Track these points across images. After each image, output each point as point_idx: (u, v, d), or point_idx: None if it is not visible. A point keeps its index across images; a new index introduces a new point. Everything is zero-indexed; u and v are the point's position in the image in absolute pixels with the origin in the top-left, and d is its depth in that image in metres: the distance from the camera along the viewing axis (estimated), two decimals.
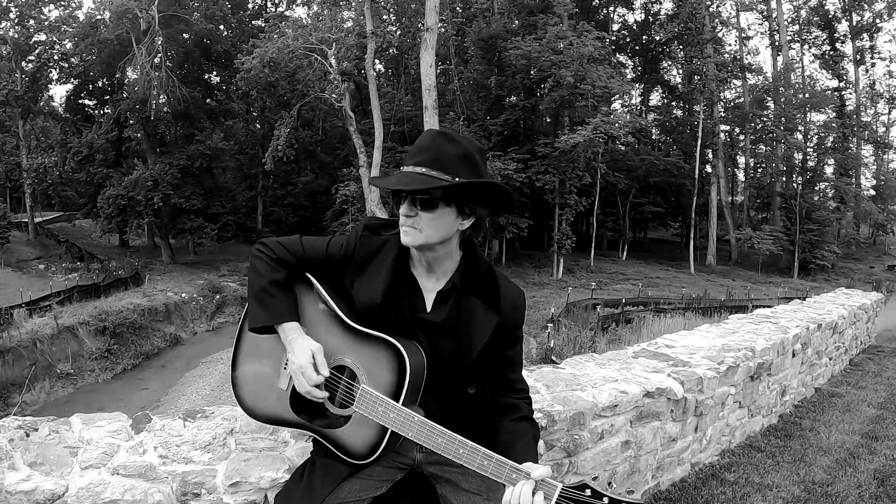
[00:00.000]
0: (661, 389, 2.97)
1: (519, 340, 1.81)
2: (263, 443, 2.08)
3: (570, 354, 15.95)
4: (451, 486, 1.75)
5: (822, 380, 5.65)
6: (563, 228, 34.15)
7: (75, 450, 1.98)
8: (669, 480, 3.25)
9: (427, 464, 1.80)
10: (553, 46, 31.37)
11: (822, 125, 45.18)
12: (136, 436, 2.08)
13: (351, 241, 1.78)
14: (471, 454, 1.54)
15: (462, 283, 1.73)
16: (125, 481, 1.87)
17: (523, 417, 1.75)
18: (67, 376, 20.45)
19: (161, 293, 27.44)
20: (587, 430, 2.56)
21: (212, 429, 2.13)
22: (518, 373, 1.82)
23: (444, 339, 1.72)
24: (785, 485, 3.33)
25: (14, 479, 1.81)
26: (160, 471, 1.91)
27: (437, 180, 1.56)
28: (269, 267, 1.75)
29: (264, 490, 1.92)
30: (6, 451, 1.90)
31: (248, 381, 1.86)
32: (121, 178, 32.75)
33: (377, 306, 1.69)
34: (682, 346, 3.92)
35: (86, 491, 1.82)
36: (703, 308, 22.57)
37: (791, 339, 4.57)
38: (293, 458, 2.00)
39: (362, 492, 1.71)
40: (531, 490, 1.49)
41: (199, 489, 1.88)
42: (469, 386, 1.75)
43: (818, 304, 6.66)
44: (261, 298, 1.71)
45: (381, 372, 1.64)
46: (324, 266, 1.79)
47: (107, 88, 38.34)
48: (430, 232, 1.61)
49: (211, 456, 2.00)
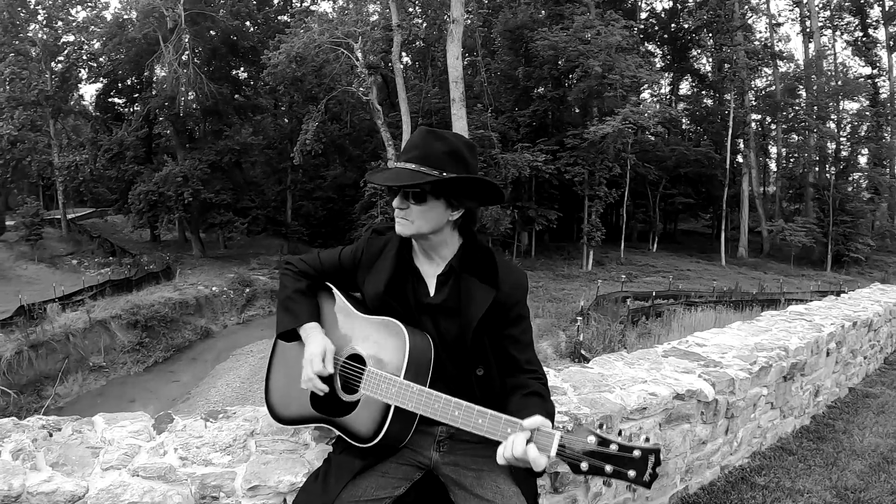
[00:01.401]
0: (691, 391, 2.89)
1: (523, 319, 1.83)
2: (284, 445, 2.07)
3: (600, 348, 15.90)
4: (465, 493, 1.73)
5: (856, 379, 5.48)
6: (592, 220, 33.88)
7: (97, 450, 1.99)
8: (698, 484, 3.17)
9: (443, 464, 1.80)
10: (580, 36, 31.01)
11: (855, 114, 43.88)
12: (157, 436, 2.09)
13: (360, 245, 1.95)
14: (466, 414, 1.56)
15: (460, 265, 1.81)
16: (145, 483, 1.87)
17: (532, 393, 1.73)
18: (100, 369, 20.89)
19: (192, 287, 27.86)
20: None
21: (233, 430, 2.13)
22: (527, 353, 1.82)
23: (446, 319, 1.79)
24: (816, 490, 3.24)
25: (36, 479, 1.82)
26: (180, 473, 1.91)
27: (426, 175, 1.66)
28: (292, 279, 1.95)
29: (283, 494, 1.90)
30: (29, 452, 1.92)
31: (278, 389, 1.98)
32: (151, 175, 33.23)
33: (381, 295, 1.81)
34: (713, 344, 3.83)
35: (105, 493, 1.82)
36: (734, 301, 22.20)
37: (825, 338, 4.43)
38: (313, 461, 1.99)
39: (379, 490, 1.72)
40: (524, 439, 1.45)
41: (218, 492, 1.87)
42: (477, 368, 1.78)
43: (853, 300, 6.47)
44: (286, 306, 1.90)
45: (386, 353, 1.74)
46: (339, 272, 1.97)
47: (135, 86, 38.85)
48: (420, 223, 1.73)
49: (231, 458, 2.00)
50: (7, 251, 31.90)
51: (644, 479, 1.37)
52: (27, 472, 1.84)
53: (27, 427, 2.08)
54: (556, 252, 37.87)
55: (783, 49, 48.11)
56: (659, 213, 43.25)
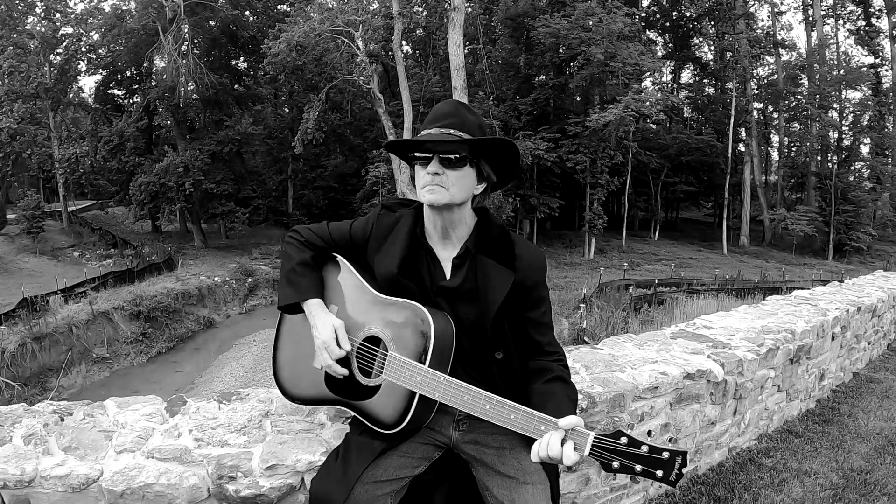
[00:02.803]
0: (701, 371, 2.90)
1: (543, 301, 1.80)
2: (300, 425, 2.07)
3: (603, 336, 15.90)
4: (487, 469, 1.73)
5: (860, 364, 5.49)
6: (594, 208, 33.88)
7: (110, 434, 1.99)
8: (707, 464, 3.19)
9: (463, 443, 1.79)
10: (582, 23, 30.83)
11: (857, 103, 43.79)
12: (170, 419, 2.10)
13: (370, 219, 1.88)
14: (497, 408, 1.55)
15: (476, 246, 1.76)
16: (160, 465, 1.87)
17: (556, 378, 1.72)
18: (103, 360, 20.90)
19: (194, 277, 27.87)
20: (627, 413, 2.50)
21: (247, 411, 2.13)
22: (548, 336, 1.80)
23: (464, 303, 1.74)
24: (823, 471, 3.26)
25: (48, 463, 1.83)
26: (195, 454, 1.91)
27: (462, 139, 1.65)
28: (297, 250, 1.87)
29: (301, 473, 1.90)
30: (41, 436, 1.93)
31: (286, 365, 1.93)
32: (152, 166, 33.22)
33: (395, 276, 1.75)
34: (720, 327, 3.83)
35: (120, 475, 1.82)
36: (736, 290, 22.21)
37: (831, 322, 4.43)
38: (330, 440, 1.99)
39: (400, 470, 1.72)
40: (560, 439, 1.46)
41: (235, 472, 1.87)
42: (496, 351, 1.75)
43: (857, 286, 6.46)
44: (289, 278, 1.83)
45: (408, 338, 1.68)
46: (349, 246, 1.89)
47: (135, 78, 38.78)
48: (455, 191, 1.66)
49: (246, 439, 2.00)
50: (9, 244, 31.90)
51: (671, 479, 1.42)
52: (40, 457, 1.84)
53: (38, 412, 2.08)
54: (557, 240, 37.88)
55: (785, 38, 47.83)
56: (661, 201, 43.20)
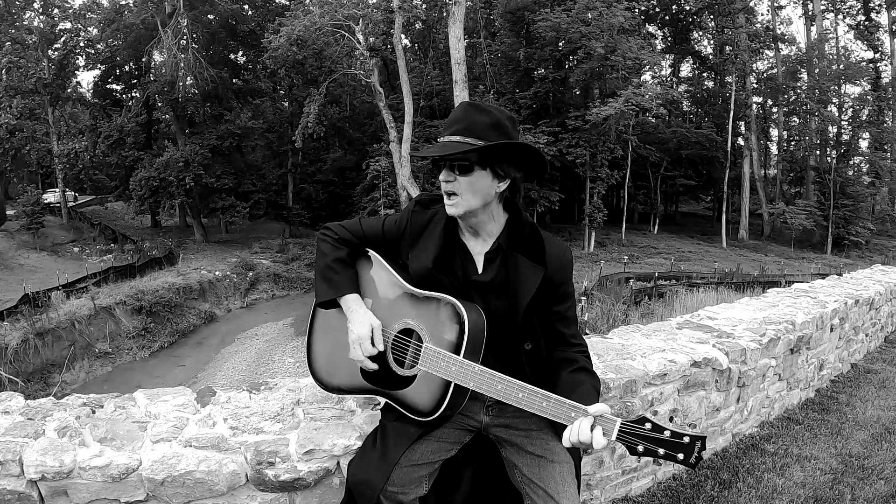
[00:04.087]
0: (707, 359, 3.03)
1: (569, 296, 1.89)
2: (331, 412, 2.16)
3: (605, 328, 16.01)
4: (516, 449, 1.83)
5: (858, 356, 5.59)
6: (594, 202, 33.96)
7: (144, 424, 2.04)
8: (712, 450, 3.31)
9: (493, 426, 1.89)
10: (582, 17, 30.85)
11: (856, 98, 43.92)
12: (202, 409, 2.16)
13: (404, 217, 1.91)
14: (530, 397, 1.63)
15: (508, 242, 1.82)
16: (198, 453, 1.92)
17: (581, 368, 1.81)
18: (105, 355, 20.94)
19: (195, 272, 27.93)
20: (638, 398, 2.64)
21: (279, 399, 2.21)
22: (572, 328, 1.89)
23: (496, 297, 1.80)
24: (823, 457, 3.37)
25: (86, 455, 1.86)
26: (231, 441, 1.97)
27: (470, 145, 1.66)
28: (331, 247, 1.91)
29: (337, 457, 1.98)
30: (75, 429, 1.96)
31: (321, 356, 2.00)
32: (152, 160, 33.17)
33: (429, 270, 1.80)
34: (724, 318, 3.95)
35: (160, 464, 1.87)
36: (735, 283, 22.34)
37: (829, 314, 4.55)
38: (362, 425, 2.07)
39: (434, 454, 1.82)
40: (589, 425, 1.56)
41: (274, 458, 1.94)
42: (525, 342, 1.83)
43: (855, 279, 6.58)
44: (325, 275, 1.87)
45: (442, 330, 1.74)
46: (382, 243, 1.93)
47: (134, 72, 38.54)
48: (468, 196, 1.72)
49: (281, 426, 2.07)
50: (8, 240, 31.86)
51: (691, 461, 1.51)
52: (76, 449, 1.88)
53: (68, 405, 2.13)
54: (557, 233, 37.68)
55: (785, 32, 47.79)
56: (660, 194, 43.23)
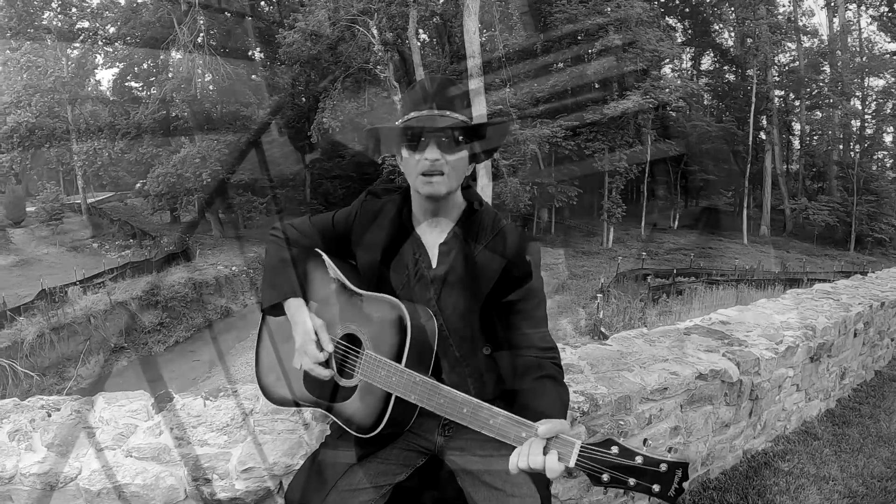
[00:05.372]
0: (714, 371, 2.75)
1: (535, 292, 1.66)
2: (283, 424, 1.98)
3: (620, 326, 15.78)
4: (472, 479, 1.61)
5: (882, 362, 5.30)
6: (612, 197, 33.59)
7: (94, 430, 1.94)
8: (719, 468, 3.04)
9: (448, 449, 1.67)
10: (600, 9, 30.49)
11: (880, 91, 42.98)
12: (155, 416, 2.03)
13: (354, 207, 1.79)
14: (475, 412, 1.41)
15: (464, 232, 1.66)
16: (138, 464, 1.82)
17: (546, 377, 1.56)
18: (121, 350, 21.06)
19: (212, 267, 28.07)
20: (633, 416, 2.37)
21: (231, 409, 2.05)
22: (541, 330, 1.65)
23: (451, 293, 1.64)
24: (842, 477, 3.11)
25: (29, 460, 1.79)
26: (175, 453, 1.85)
27: (459, 121, 1.55)
28: (277, 247, 1.77)
29: (279, 476, 1.82)
30: (25, 433, 1.89)
31: (267, 366, 1.83)
32: (169, 157, 33.44)
33: (377, 265, 1.67)
34: (737, 322, 3.68)
35: (98, 474, 1.77)
36: (756, 280, 21.89)
37: (853, 318, 4.24)
38: (312, 442, 1.90)
39: (379, 477, 1.60)
40: (541, 448, 1.30)
41: (212, 474, 1.80)
42: (484, 346, 1.64)
43: (880, 280, 6.27)
44: (268, 278, 1.74)
45: (384, 335, 1.57)
46: (333, 238, 1.78)
47: (152, 70, 39.11)
48: (452, 176, 1.58)
49: (227, 438, 1.92)
50: (28, 236, 32.33)
51: (669, 494, 1.26)
52: (21, 453, 1.81)
53: (27, 407, 2.05)
54: (575, 229, 37.69)
55: (807, 24, 46.90)
56: (680, 189, 42.71)
